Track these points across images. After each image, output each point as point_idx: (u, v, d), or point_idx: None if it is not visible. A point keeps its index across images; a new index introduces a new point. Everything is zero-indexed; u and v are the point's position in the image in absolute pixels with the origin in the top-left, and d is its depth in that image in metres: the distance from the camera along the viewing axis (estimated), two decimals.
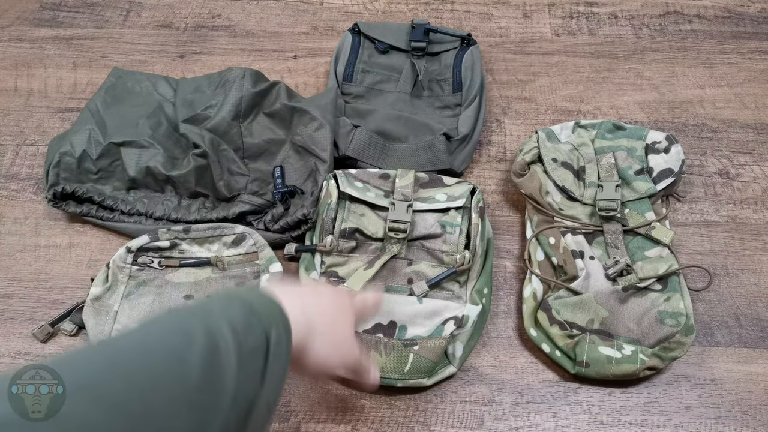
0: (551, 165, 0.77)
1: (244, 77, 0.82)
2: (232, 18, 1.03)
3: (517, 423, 0.64)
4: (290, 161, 0.80)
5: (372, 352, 0.64)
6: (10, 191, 0.82)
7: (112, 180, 0.78)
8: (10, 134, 0.88)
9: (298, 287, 0.55)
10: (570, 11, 1.03)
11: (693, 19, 1.02)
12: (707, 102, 0.91)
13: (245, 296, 0.46)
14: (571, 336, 0.66)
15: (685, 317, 0.66)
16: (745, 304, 0.72)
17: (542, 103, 0.91)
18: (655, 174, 0.76)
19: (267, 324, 0.43)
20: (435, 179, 0.76)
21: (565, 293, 0.69)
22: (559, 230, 0.73)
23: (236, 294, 0.46)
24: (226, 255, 0.72)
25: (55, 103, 0.91)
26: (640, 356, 0.64)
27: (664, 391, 0.66)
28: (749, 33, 1.00)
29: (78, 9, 1.04)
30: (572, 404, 0.66)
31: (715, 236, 0.78)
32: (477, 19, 1.02)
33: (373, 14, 1.03)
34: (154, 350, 0.38)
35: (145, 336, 0.39)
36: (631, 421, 0.64)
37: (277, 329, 0.44)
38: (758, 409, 0.65)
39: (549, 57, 0.97)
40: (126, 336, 0.40)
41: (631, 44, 0.99)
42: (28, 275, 0.75)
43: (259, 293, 0.48)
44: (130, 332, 0.40)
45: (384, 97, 0.89)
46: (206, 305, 0.44)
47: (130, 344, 0.39)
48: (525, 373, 0.68)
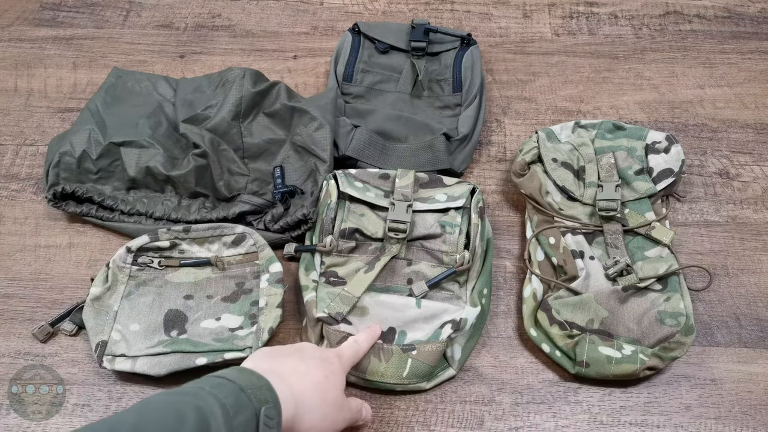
0: (551, 165, 0.77)
1: (244, 77, 0.82)
2: (232, 18, 1.03)
3: (517, 423, 0.64)
4: (290, 161, 0.80)
5: (371, 357, 0.64)
6: (10, 191, 0.82)
7: (112, 180, 0.78)
8: (10, 134, 0.88)
9: (284, 360, 0.55)
10: (570, 11, 1.03)
11: (693, 19, 1.02)
12: (707, 102, 0.91)
13: (234, 376, 0.48)
14: (571, 336, 0.66)
15: (685, 317, 0.66)
16: (745, 304, 0.72)
17: (542, 103, 0.91)
18: (655, 174, 0.76)
19: (256, 402, 0.46)
20: (435, 179, 0.76)
21: (565, 293, 0.69)
22: (559, 230, 0.73)
23: (226, 374, 0.49)
24: (226, 255, 0.72)
25: (55, 103, 0.91)
26: (640, 356, 0.64)
27: (664, 391, 0.66)
28: (749, 33, 1.00)
29: (78, 9, 1.04)
30: (572, 404, 0.66)
31: (715, 236, 0.78)
32: (477, 19, 1.02)
33: (373, 14, 1.03)
34: (148, 429, 0.41)
35: (139, 416, 0.42)
36: (631, 421, 0.64)
37: (267, 407, 0.46)
38: (758, 409, 0.65)
39: (549, 57, 0.97)
40: (121, 415, 0.43)
41: (631, 44, 0.99)
42: (28, 275, 0.75)
43: (248, 372, 0.50)
44: (125, 412, 0.43)
45: (384, 97, 0.89)
46: (197, 385, 0.47)
47: (126, 424, 0.41)
48: (525, 373, 0.68)
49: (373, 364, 0.64)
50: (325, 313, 0.65)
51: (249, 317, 0.68)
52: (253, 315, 0.68)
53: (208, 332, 0.67)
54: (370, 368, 0.64)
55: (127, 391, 0.66)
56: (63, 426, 0.64)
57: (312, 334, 0.67)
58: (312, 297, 0.67)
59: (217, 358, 0.64)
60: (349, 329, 0.66)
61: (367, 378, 0.64)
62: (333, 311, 0.66)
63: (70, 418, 0.64)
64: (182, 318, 0.68)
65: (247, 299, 0.70)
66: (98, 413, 0.65)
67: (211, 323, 0.68)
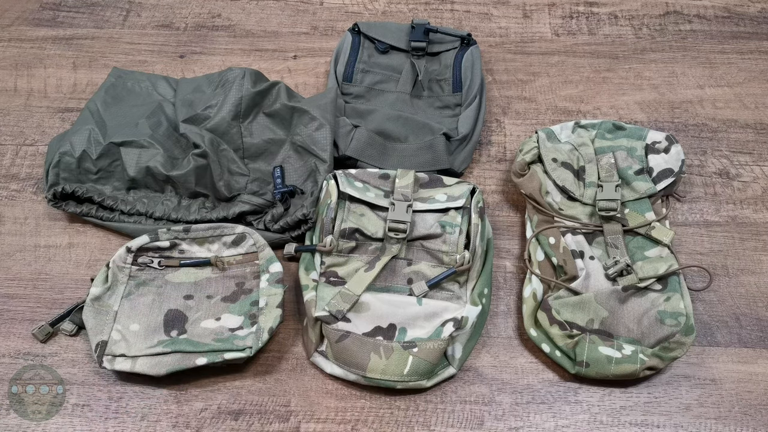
0: (551, 165, 0.77)
1: (244, 77, 0.82)
2: (232, 18, 1.03)
3: (517, 423, 0.64)
4: (290, 161, 0.80)
5: (372, 354, 0.64)
6: (10, 191, 0.82)
7: (112, 180, 0.78)
8: (10, 134, 0.88)
9: None
10: (570, 11, 1.03)
11: (693, 19, 1.02)
12: (707, 102, 0.91)
13: None
14: (571, 336, 0.66)
15: (685, 317, 0.66)
16: (744, 304, 0.72)
17: (542, 103, 0.91)
18: (655, 174, 0.76)
19: None
20: (435, 179, 0.76)
21: (565, 293, 0.69)
22: (559, 230, 0.73)
23: None
24: (226, 255, 0.72)
25: (55, 103, 0.91)
26: (640, 356, 0.64)
27: (664, 391, 0.66)
28: (749, 33, 1.00)
29: (78, 9, 1.04)
30: (572, 404, 0.66)
31: (715, 236, 0.78)
32: (477, 19, 1.03)
33: (373, 14, 1.03)
34: None
35: None
36: (631, 421, 0.64)
37: None
38: (758, 408, 0.65)
39: (549, 57, 0.97)
40: None
41: (631, 44, 0.99)
42: (28, 275, 0.75)
43: None
44: None
45: (384, 97, 0.89)
46: None
47: None
48: (525, 373, 0.68)
49: (373, 361, 0.64)
50: (324, 312, 0.65)
51: (249, 317, 0.68)
52: (253, 315, 0.68)
53: (208, 332, 0.67)
54: (370, 365, 0.64)
55: (127, 391, 0.66)
56: (63, 426, 0.64)
57: (312, 334, 0.67)
58: (312, 296, 0.67)
59: (217, 358, 0.64)
60: (348, 327, 0.66)
61: (368, 376, 0.64)
62: (333, 309, 0.66)
63: (70, 418, 0.64)
64: (182, 318, 0.68)
65: (247, 299, 0.70)
66: (98, 413, 0.65)
67: (211, 323, 0.68)
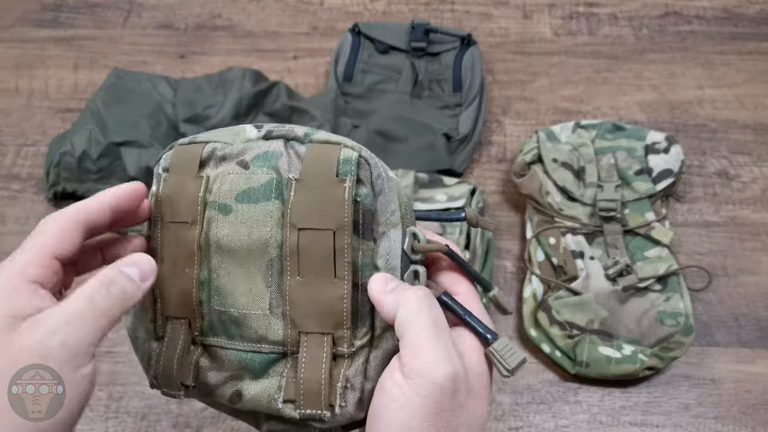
0: (551, 165, 0.77)
1: (244, 77, 0.82)
2: (232, 18, 1.03)
3: (517, 423, 0.65)
4: None
5: None
6: (12, 191, 0.82)
7: (113, 180, 0.78)
8: (11, 134, 0.88)
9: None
10: (570, 11, 1.03)
11: (692, 19, 1.02)
12: (707, 102, 0.91)
13: None
14: (571, 336, 0.66)
15: (684, 317, 0.66)
16: (744, 304, 0.72)
17: (542, 103, 0.91)
18: (655, 174, 0.76)
19: None
20: (435, 179, 0.76)
21: (565, 293, 0.69)
22: (559, 230, 0.73)
23: None
24: None
25: (56, 104, 0.91)
26: (640, 356, 0.64)
27: (664, 391, 0.66)
28: (748, 34, 1.00)
29: (79, 10, 1.04)
30: (572, 404, 0.66)
31: (715, 236, 0.78)
32: (477, 19, 1.03)
33: (373, 14, 1.03)
34: None
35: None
36: (630, 421, 0.64)
37: None
38: (757, 408, 0.65)
39: (549, 57, 0.97)
40: None
41: (631, 44, 0.99)
42: None
43: None
44: None
45: (384, 97, 0.89)
46: None
47: None
48: (525, 373, 0.68)
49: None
50: None
51: None
52: None
53: None
54: None
55: (127, 391, 0.66)
56: None
57: None
58: None
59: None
60: None
61: None
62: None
63: None
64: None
65: None
66: (98, 413, 0.65)
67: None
